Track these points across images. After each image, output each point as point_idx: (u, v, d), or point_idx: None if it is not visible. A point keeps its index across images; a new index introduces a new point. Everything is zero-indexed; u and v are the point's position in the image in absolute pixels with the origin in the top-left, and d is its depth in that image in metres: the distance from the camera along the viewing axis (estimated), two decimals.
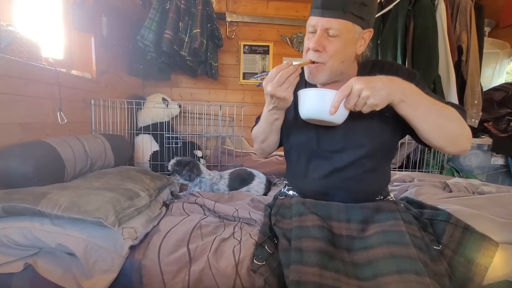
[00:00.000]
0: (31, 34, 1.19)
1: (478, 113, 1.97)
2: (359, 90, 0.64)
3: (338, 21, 0.71)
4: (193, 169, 1.42)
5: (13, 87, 1.07)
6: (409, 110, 0.68)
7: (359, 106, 0.66)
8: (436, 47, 1.92)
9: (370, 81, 0.65)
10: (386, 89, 0.64)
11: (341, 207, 0.82)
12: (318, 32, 0.73)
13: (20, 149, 0.98)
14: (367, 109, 0.67)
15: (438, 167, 2.09)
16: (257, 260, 0.77)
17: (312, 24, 0.75)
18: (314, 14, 0.74)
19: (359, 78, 0.65)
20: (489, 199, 1.09)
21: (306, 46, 0.77)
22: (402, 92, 0.66)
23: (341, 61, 0.76)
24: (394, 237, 0.71)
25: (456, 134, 0.72)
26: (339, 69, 0.78)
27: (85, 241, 0.81)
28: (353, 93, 0.65)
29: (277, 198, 1.03)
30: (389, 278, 0.63)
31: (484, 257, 0.76)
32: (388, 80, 0.66)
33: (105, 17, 1.71)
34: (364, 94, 0.64)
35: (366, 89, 0.63)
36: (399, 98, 0.66)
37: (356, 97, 0.65)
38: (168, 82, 2.53)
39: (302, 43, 2.60)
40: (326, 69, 0.77)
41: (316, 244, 0.71)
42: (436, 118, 0.69)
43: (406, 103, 0.67)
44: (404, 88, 0.67)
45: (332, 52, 0.74)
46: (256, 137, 0.96)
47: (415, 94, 0.68)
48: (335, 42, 0.73)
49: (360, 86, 0.64)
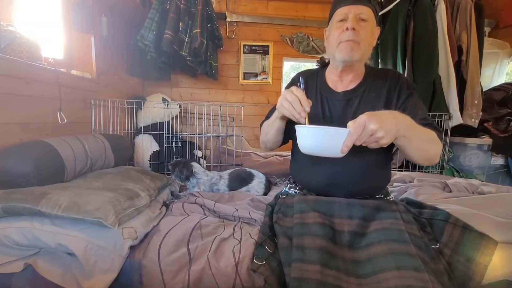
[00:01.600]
0: (31, 34, 1.19)
1: (478, 113, 1.97)
2: (373, 130, 0.64)
3: (367, 8, 0.85)
4: (183, 170, 1.43)
5: (13, 87, 1.07)
6: (405, 141, 0.74)
7: (367, 143, 0.67)
8: (436, 47, 1.92)
9: (382, 119, 0.66)
10: (394, 127, 0.67)
11: (343, 204, 0.83)
12: (351, 17, 0.84)
13: (20, 149, 0.98)
14: (375, 146, 0.68)
15: (438, 167, 2.09)
16: (257, 259, 0.77)
17: (344, 13, 0.86)
18: (344, 4, 0.86)
19: (371, 117, 0.65)
20: (489, 199, 1.09)
21: (340, 31, 0.86)
22: (404, 128, 0.71)
23: (368, 44, 0.88)
24: (393, 235, 0.72)
25: (433, 155, 0.82)
26: (366, 52, 0.89)
27: (85, 241, 0.81)
28: (366, 133, 0.65)
29: (278, 197, 1.04)
30: (388, 274, 0.65)
31: (483, 256, 0.76)
32: (394, 117, 0.69)
33: (105, 17, 1.71)
34: (379, 134, 0.65)
35: (381, 130, 0.64)
36: (401, 133, 0.70)
37: (368, 136, 0.65)
38: (168, 82, 2.53)
39: (302, 43, 2.60)
40: (360, 48, 0.86)
41: (317, 242, 0.72)
42: (423, 145, 0.78)
43: (405, 137, 0.72)
44: (405, 124, 0.72)
45: (364, 34, 0.85)
46: (263, 129, 1.03)
47: (411, 127, 0.74)
48: (366, 27, 0.85)
49: (375, 126, 0.64)
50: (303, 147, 0.73)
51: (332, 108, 0.93)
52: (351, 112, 0.91)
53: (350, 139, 0.65)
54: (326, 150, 0.70)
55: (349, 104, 0.92)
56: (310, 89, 0.98)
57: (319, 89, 0.97)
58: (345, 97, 0.93)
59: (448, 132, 2.00)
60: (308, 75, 1.01)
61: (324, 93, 0.96)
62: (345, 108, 0.92)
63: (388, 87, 0.91)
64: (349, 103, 0.92)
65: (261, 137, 1.03)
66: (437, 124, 1.95)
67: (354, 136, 0.65)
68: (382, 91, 0.91)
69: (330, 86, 0.96)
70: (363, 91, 0.92)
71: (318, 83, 0.98)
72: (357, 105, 0.91)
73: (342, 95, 0.93)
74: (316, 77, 1.00)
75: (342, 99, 0.93)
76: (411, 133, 0.73)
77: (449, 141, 2.03)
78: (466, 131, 2.07)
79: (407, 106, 0.88)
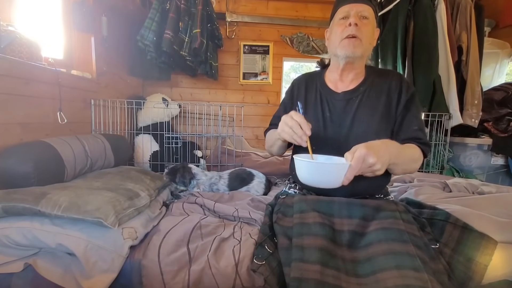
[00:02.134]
0: (31, 34, 1.19)
1: (478, 113, 1.97)
2: (371, 164, 0.68)
3: (367, 7, 0.87)
4: (185, 174, 1.44)
5: (13, 87, 1.07)
6: (393, 166, 0.80)
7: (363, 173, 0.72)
8: (436, 47, 1.92)
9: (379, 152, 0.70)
10: (388, 158, 0.72)
11: (342, 204, 0.83)
12: (353, 14, 0.87)
13: (20, 149, 0.98)
14: (370, 175, 0.73)
15: (438, 167, 2.09)
16: (257, 259, 0.78)
17: (346, 10, 0.88)
18: (346, 2, 0.88)
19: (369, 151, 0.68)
20: (489, 199, 1.09)
21: (342, 28, 0.88)
22: (394, 156, 0.76)
23: (369, 42, 0.90)
24: (393, 234, 0.72)
25: (412, 170, 0.88)
26: (367, 50, 0.91)
27: (85, 241, 0.81)
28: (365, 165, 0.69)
29: (278, 197, 1.04)
30: (387, 273, 0.65)
31: (483, 256, 0.76)
32: (386, 148, 0.74)
33: (105, 17, 1.71)
34: (376, 167, 0.69)
35: (379, 163, 0.69)
36: (392, 162, 0.75)
37: (366, 168, 0.70)
38: (168, 82, 2.53)
39: (302, 43, 2.59)
40: (362, 45, 0.88)
41: (317, 242, 0.72)
42: (406, 166, 0.84)
43: (394, 164, 0.78)
44: (395, 152, 0.76)
45: (366, 30, 0.87)
46: (267, 140, 1.06)
47: (399, 154, 0.78)
48: (367, 24, 0.87)
49: (373, 160, 0.68)
50: (302, 179, 0.76)
51: (332, 108, 0.94)
52: (351, 112, 0.91)
53: (352, 172, 0.69)
54: (326, 183, 0.73)
55: (349, 104, 0.93)
56: (310, 90, 0.99)
57: (318, 90, 0.98)
58: (345, 97, 0.93)
59: (448, 132, 2.00)
60: (308, 78, 1.03)
61: (324, 94, 0.96)
62: (345, 108, 0.92)
63: (389, 88, 0.92)
64: (349, 103, 0.93)
65: (266, 146, 1.07)
66: (437, 124, 1.96)
67: (355, 169, 0.68)
68: (382, 92, 0.92)
69: (330, 87, 0.97)
70: (363, 91, 0.93)
71: (318, 84, 0.99)
72: (357, 105, 0.91)
73: (342, 95, 0.94)
74: (315, 79, 1.01)
75: (342, 99, 0.93)
76: (398, 159, 0.79)
77: (449, 141, 2.03)
78: (466, 131, 2.07)
79: (405, 115, 0.90)
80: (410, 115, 0.90)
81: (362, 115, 0.90)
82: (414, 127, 0.88)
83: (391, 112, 0.91)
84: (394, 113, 0.91)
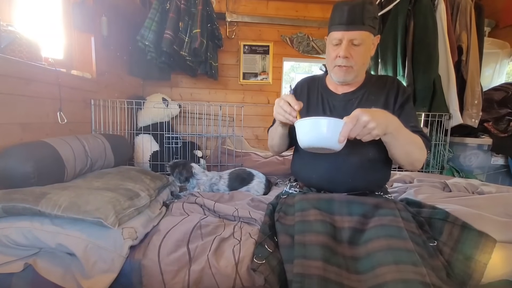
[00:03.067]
0: (31, 34, 1.19)
1: (478, 113, 1.97)
2: (366, 122, 0.70)
3: (360, 33, 0.87)
4: (183, 171, 1.45)
5: (13, 87, 1.07)
6: (392, 139, 0.80)
7: (361, 135, 0.72)
8: (436, 47, 1.92)
9: (374, 113, 0.71)
10: (385, 121, 0.74)
11: (342, 202, 0.85)
12: (345, 43, 0.88)
13: (20, 149, 0.98)
14: (368, 138, 0.73)
15: (438, 167, 2.09)
16: (257, 259, 0.78)
17: (338, 38, 0.89)
18: (338, 29, 0.88)
19: (363, 110, 0.71)
20: (489, 199, 1.09)
21: (334, 55, 0.91)
22: (393, 126, 0.77)
23: (363, 63, 0.93)
24: (392, 231, 0.74)
25: (417, 160, 0.87)
26: (361, 70, 0.95)
27: (85, 241, 0.81)
28: (359, 124, 0.70)
29: (280, 197, 1.06)
30: (386, 268, 0.66)
31: (482, 254, 0.77)
32: (384, 114, 0.76)
33: (105, 17, 1.71)
34: (370, 125, 0.70)
35: (373, 121, 0.70)
36: (390, 130, 0.76)
37: (362, 128, 0.71)
38: (168, 82, 2.53)
39: (302, 43, 2.59)
40: (354, 71, 0.92)
41: (319, 239, 0.74)
42: (407, 147, 0.84)
43: (392, 134, 0.78)
44: (394, 123, 0.78)
45: (357, 57, 0.89)
46: (269, 134, 1.08)
47: (399, 127, 0.80)
48: (359, 49, 0.89)
49: (367, 118, 0.69)
50: (302, 142, 0.76)
51: (333, 109, 0.98)
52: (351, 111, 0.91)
53: (346, 129, 0.70)
54: (324, 141, 0.72)
55: (348, 104, 0.97)
56: (312, 92, 1.04)
57: (320, 92, 1.03)
58: (345, 98, 0.98)
59: (448, 132, 2.00)
60: (310, 81, 1.08)
61: (325, 95, 1.01)
62: (345, 108, 0.96)
63: (387, 93, 0.96)
64: (349, 103, 0.97)
65: (268, 142, 1.09)
66: (437, 124, 1.96)
67: (349, 125, 0.70)
68: (381, 96, 0.96)
69: (330, 89, 1.02)
70: (362, 93, 0.97)
71: (320, 87, 1.04)
72: (356, 106, 0.95)
73: (342, 96, 0.99)
74: (317, 82, 1.06)
75: (342, 100, 0.98)
76: (398, 133, 0.79)
77: (449, 141, 2.03)
78: (466, 131, 2.07)
79: (401, 113, 0.93)
80: (406, 113, 0.93)
81: None
82: (411, 123, 0.90)
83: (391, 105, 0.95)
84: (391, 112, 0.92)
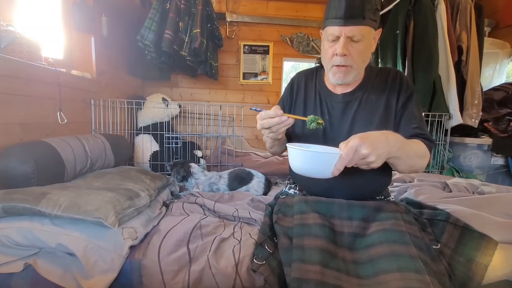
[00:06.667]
0: (31, 34, 1.19)
1: (478, 113, 1.97)
2: (365, 155, 0.63)
3: (360, 28, 0.78)
4: (180, 170, 1.46)
5: (13, 87, 1.07)
6: (395, 160, 0.74)
7: (358, 165, 0.67)
8: (436, 47, 1.92)
9: (374, 142, 0.64)
10: (386, 151, 0.66)
11: (342, 205, 0.83)
12: (342, 40, 0.79)
13: (20, 149, 0.98)
14: (365, 168, 0.68)
15: (438, 167, 2.09)
16: (257, 259, 0.77)
17: (334, 34, 0.80)
18: (334, 24, 0.79)
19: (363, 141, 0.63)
20: (489, 199, 1.09)
21: (331, 53, 0.82)
22: (395, 149, 0.69)
23: (363, 61, 0.84)
24: (394, 236, 0.72)
25: (419, 168, 0.81)
26: (362, 69, 0.87)
27: (85, 241, 0.81)
28: (357, 156, 0.64)
29: (278, 197, 1.04)
30: (389, 276, 0.64)
31: (483, 256, 0.76)
32: (386, 140, 0.67)
33: (105, 17, 1.71)
34: (370, 159, 0.64)
35: (373, 155, 0.63)
36: (392, 155, 0.69)
37: (359, 160, 0.65)
38: (168, 82, 2.53)
39: (302, 43, 2.59)
40: (353, 71, 0.83)
41: (317, 242, 0.72)
42: (411, 161, 0.77)
43: (395, 157, 0.72)
44: (396, 145, 0.70)
45: (357, 55, 0.81)
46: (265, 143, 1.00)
47: (402, 147, 0.72)
48: (359, 46, 0.80)
49: (367, 151, 0.63)
50: (294, 168, 0.73)
51: (331, 110, 0.92)
52: (350, 114, 0.89)
53: (342, 162, 0.64)
54: (317, 172, 0.70)
55: (348, 106, 0.90)
56: (309, 90, 0.97)
57: (318, 91, 0.96)
58: (345, 99, 0.91)
59: (448, 132, 2.00)
60: (307, 76, 1.00)
61: (324, 95, 0.94)
62: (344, 110, 0.90)
63: (389, 90, 0.89)
64: (349, 106, 0.90)
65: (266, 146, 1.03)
66: (437, 124, 1.96)
67: (346, 160, 0.64)
68: (382, 94, 0.89)
69: (328, 88, 0.94)
70: (362, 93, 0.90)
71: (317, 84, 0.97)
72: (356, 107, 0.89)
73: (341, 97, 0.91)
74: (314, 77, 0.98)
75: (342, 101, 0.91)
76: (401, 153, 0.72)
77: (449, 141, 2.02)
78: (466, 131, 2.07)
79: (404, 113, 0.87)
80: (408, 113, 0.86)
81: (361, 120, 0.88)
82: (413, 125, 0.84)
83: (391, 114, 0.88)
84: (393, 113, 0.88)
